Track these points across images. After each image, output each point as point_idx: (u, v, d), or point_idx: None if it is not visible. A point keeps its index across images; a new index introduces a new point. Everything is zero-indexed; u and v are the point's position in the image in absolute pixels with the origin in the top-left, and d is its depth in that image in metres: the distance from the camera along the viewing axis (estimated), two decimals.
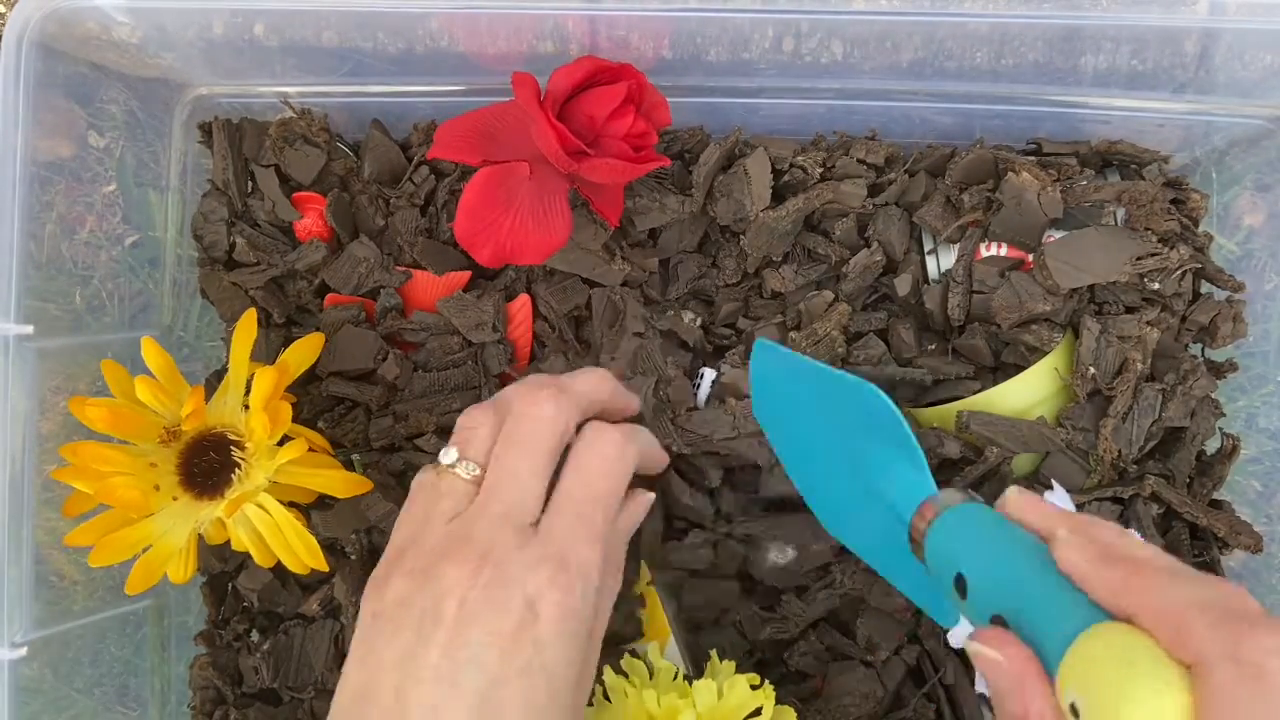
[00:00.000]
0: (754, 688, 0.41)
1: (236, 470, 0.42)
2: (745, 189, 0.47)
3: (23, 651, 0.43)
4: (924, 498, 0.34)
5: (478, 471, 0.34)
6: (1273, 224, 0.49)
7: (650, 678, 0.42)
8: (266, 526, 0.43)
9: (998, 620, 0.28)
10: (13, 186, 0.41)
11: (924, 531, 0.33)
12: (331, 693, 0.49)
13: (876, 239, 0.48)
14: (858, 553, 0.39)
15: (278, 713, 0.49)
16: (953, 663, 0.46)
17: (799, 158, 0.48)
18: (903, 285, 0.49)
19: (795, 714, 0.43)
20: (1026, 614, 0.27)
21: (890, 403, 0.35)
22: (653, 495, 0.38)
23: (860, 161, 0.48)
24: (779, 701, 0.42)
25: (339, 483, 0.45)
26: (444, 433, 0.45)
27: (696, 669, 0.46)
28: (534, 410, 0.35)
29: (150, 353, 0.43)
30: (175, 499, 0.43)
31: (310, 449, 0.45)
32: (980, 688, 0.43)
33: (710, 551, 0.46)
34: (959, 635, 0.42)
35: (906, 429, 0.35)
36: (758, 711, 0.41)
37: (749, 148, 0.48)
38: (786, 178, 0.48)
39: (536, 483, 0.34)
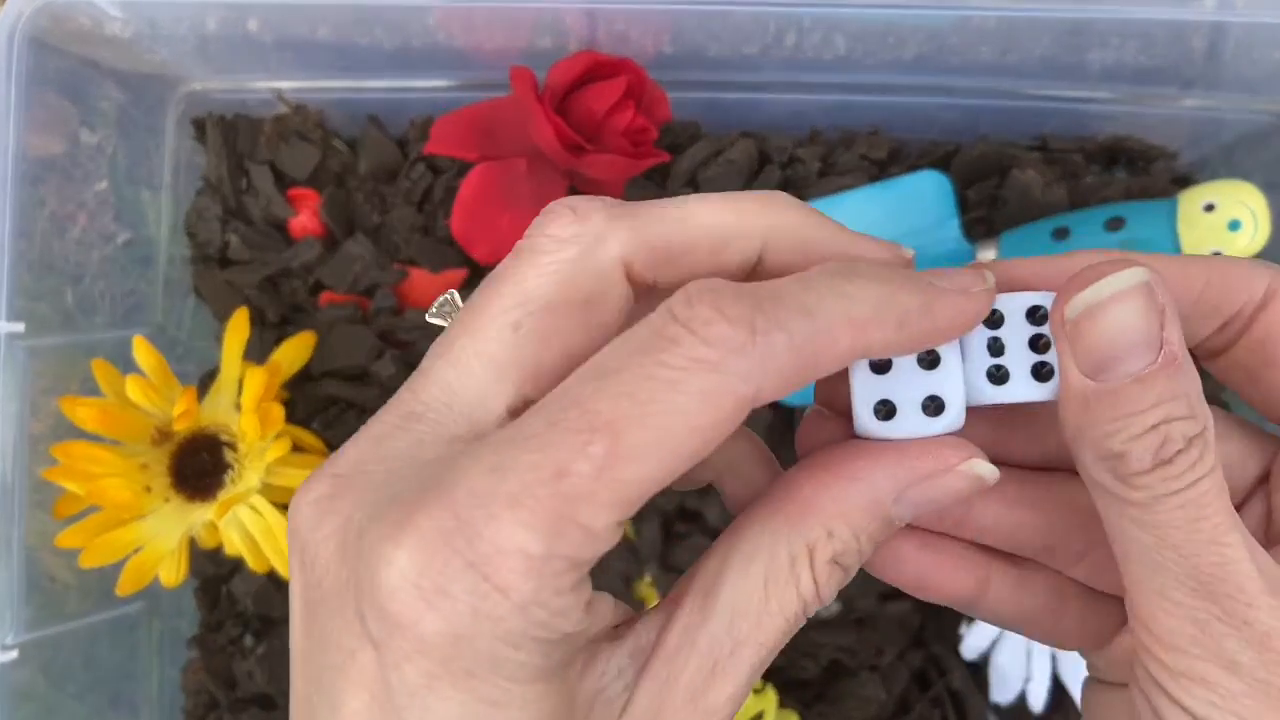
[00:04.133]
0: (756, 691, 0.41)
1: (229, 471, 0.42)
2: (733, 176, 0.46)
3: (14, 654, 0.42)
4: (975, 244, 0.43)
5: None
6: None
7: None
8: (259, 529, 0.42)
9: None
10: (4, 183, 0.41)
11: (998, 255, 0.42)
12: None
13: None
14: None
15: (271, 718, 0.49)
16: (959, 668, 0.46)
17: (799, 150, 0.47)
18: None
19: (798, 718, 0.42)
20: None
21: (938, 172, 0.44)
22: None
23: (863, 157, 0.47)
24: (781, 705, 0.42)
25: None
26: None
27: None
28: None
29: (142, 352, 0.42)
30: (167, 500, 0.42)
31: (303, 449, 0.44)
32: (994, 697, 0.42)
33: None
34: (970, 644, 0.42)
35: (953, 192, 0.43)
36: (759, 716, 0.40)
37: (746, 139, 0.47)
38: (788, 172, 0.47)
39: None
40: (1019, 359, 0.20)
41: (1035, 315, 0.20)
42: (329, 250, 0.48)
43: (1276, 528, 0.22)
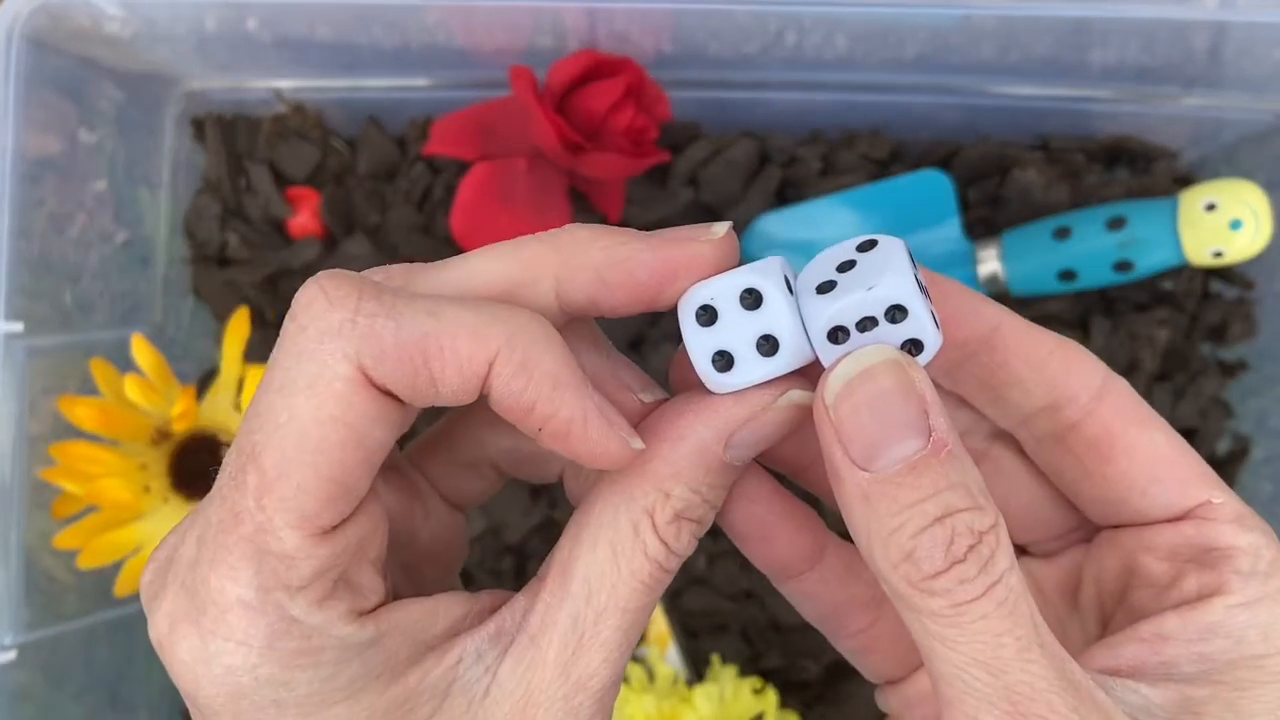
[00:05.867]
0: (756, 692, 0.41)
1: None
2: (734, 175, 0.46)
3: (12, 655, 0.42)
4: (975, 243, 0.44)
5: None
6: None
7: (650, 682, 0.42)
8: None
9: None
10: (3, 183, 0.41)
11: (1000, 254, 0.43)
12: None
13: None
14: None
15: None
16: None
17: (799, 149, 0.47)
18: None
19: (799, 719, 0.42)
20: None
21: (939, 172, 0.44)
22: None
23: (863, 156, 0.47)
24: (782, 706, 0.42)
25: None
26: None
27: (698, 674, 0.46)
28: None
29: (141, 351, 0.42)
30: (166, 501, 0.42)
31: None
32: None
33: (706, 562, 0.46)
34: None
35: (953, 191, 0.44)
36: (760, 717, 0.40)
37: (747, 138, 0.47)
38: (788, 171, 0.47)
39: None
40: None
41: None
42: (328, 250, 0.48)
43: (1104, 594, 0.22)
